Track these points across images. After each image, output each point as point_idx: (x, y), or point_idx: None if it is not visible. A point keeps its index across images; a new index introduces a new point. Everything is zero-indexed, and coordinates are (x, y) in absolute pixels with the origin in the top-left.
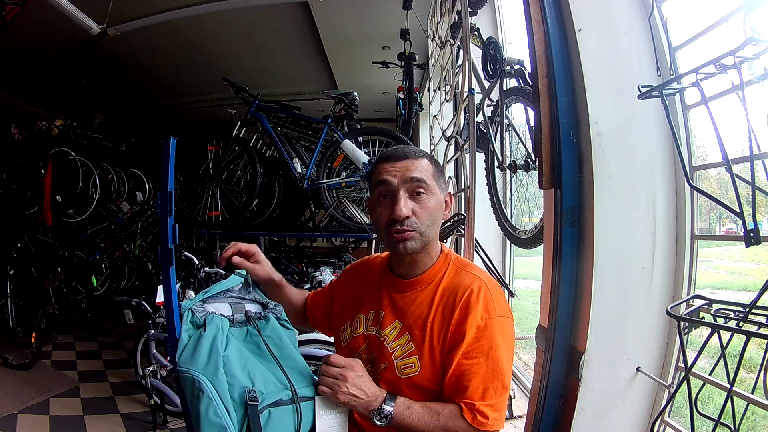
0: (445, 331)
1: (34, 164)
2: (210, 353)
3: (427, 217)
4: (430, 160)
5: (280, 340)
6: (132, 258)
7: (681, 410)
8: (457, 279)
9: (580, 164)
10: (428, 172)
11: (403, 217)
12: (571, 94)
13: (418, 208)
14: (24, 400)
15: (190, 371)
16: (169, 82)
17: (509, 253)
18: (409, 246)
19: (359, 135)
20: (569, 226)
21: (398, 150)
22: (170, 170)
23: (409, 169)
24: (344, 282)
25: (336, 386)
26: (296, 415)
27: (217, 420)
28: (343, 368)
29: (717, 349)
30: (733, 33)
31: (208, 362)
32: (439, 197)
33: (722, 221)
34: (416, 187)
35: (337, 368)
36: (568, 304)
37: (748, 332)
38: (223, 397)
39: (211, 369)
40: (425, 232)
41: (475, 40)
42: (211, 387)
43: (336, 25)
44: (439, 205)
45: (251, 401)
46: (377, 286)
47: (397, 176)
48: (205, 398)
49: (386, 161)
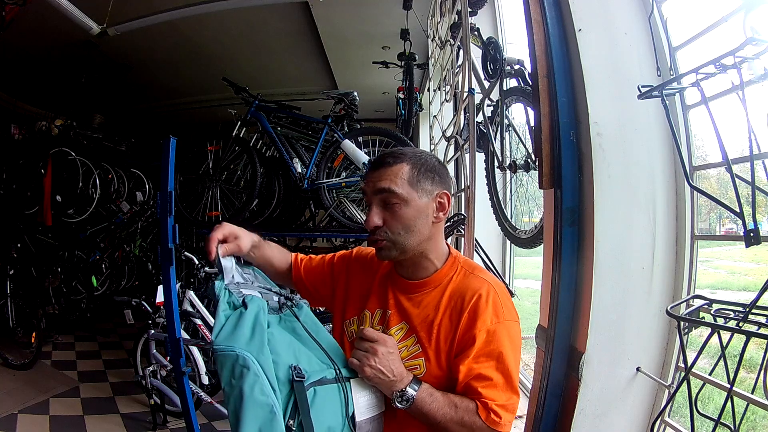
0: (453, 334)
1: (34, 164)
2: (254, 329)
3: (399, 227)
4: (411, 164)
5: (315, 326)
6: (132, 258)
7: (681, 410)
8: (465, 282)
9: (580, 164)
10: (401, 178)
11: (372, 227)
12: (571, 94)
13: (390, 218)
14: (24, 400)
15: (232, 348)
16: (169, 82)
17: (509, 253)
18: (384, 254)
19: (359, 135)
20: (569, 226)
21: (378, 158)
22: (170, 170)
23: (381, 178)
24: (354, 268)
25: (365, 359)
26: (342, 393)
27: (263, 398)
28: (376, 342)
29: (717, 349)
30: (733, 33)
31: (252, 338)
32: (418, 204)
33: (722, 221)
34: (385, 197)
35: (369, 342)
36: (568, 304)
37: (748, 332)
38: (269, 374)
39: (256, 345)
40: (398, 241)
41: (475, 40)
42: (257, 363)
43: (336, 25)
44: (417, 212)
45: (298, 377)
46: (384, 284)
47: (370, 187)
48: (251, 375)
49: (369, 171)
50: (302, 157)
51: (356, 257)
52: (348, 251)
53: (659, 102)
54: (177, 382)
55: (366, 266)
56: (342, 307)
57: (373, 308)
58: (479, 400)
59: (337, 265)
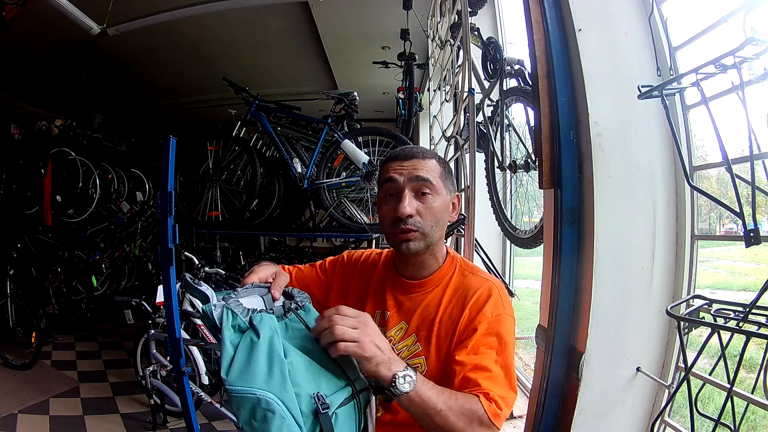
0: (453, 329)
1: (34, 164)
2: (271, 363)
3: (431, 218)
4: (438, 161)
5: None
6: (132, 258)
7: (681, 410)
8: (466, 281)
9: (580, 164)
10: (435, 172)
11: (407, 215)
12: (571, 94)
13: (423, 208)
14: (24, 400)
15: (252, 390)
16: (170, 82)
17: (509, 253)
18: (413, 246)
19: (359, 135)
20: (569, 226)
21: (407, 149)
22: (170, 170)
23: (416, 168)
24: (348, 272)
25: (361, 336)
26: (356, 409)
27: None
28: (360, 317)
29: (717, 349)
30: (733, 33)
31: (270, 374)
32: (446, 199)
33: (722, 221)
34: (422, 186)
35: (352, 317)
36: (568, 304)
37: (748, 332)
38: (294, 412)
39: (277, 381)
40: (429, 233)
41: (475, 40)
42: (282, 405)
43: (336, 25)
44: (444, 207)
45: (323, 409)
46: (381, 286)
47: (404, 174)
48: (277, 419)
49: (394, 160)
50: (302, 157)
51: (349, 261)
52: (337, 257)
53: (659, 102)
54: (177, 382)
55: (361, 269)
56: None
57: (371, 311)
58: (480, 391)
59: (330, 271)
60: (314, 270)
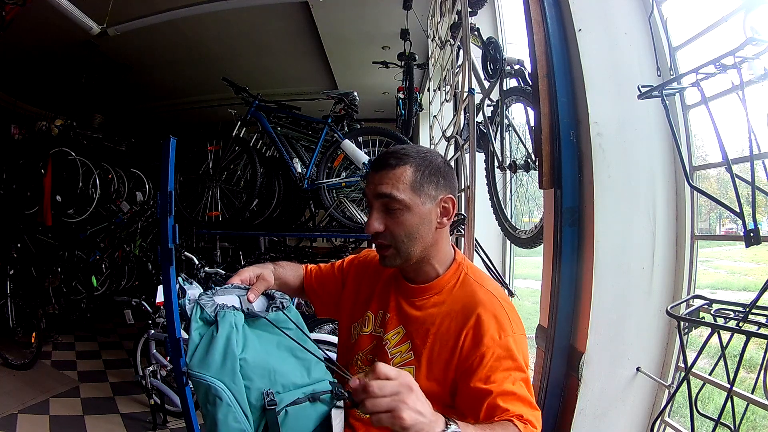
0: (451, 351)
1: (34, 164)
2: (225, 356)
3: (402, 234)
4: (414, 167)
5: (299, 331)
6: (132, 258)
7: (681, 410)
8: (467, 294)
9: (580, 164)
10: (405, 183)
11: (371, 232)
12: (571, 94)
13: (392, 224)
14: (24, 400)
15: (204, 377)
16: (169, 82)
17: (509, 253)
18: (388, 262)
19: (359, 135)
20: (569, 226)
21: (381, 157)
22: (170, 170)
23: (381, 182)
24: (361, 270)
25: (398, 404)
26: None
27: (236, 425)
28: (399, 378)
29: (717, 349)
30: (733, 33)
31: (223, 366)
32: (421, 210)
33: (722, 221)
34: (387, 202)
35: (391, 380)
36: (568, 304)
37: (748, 332)
38: (242, 402)
39: (227, 373)
40: (402, 248)
41: (475, 40)
42: (230, 393)
43: (336, 25)
44: (420, 219)
45: (269, 406)
46: (387, 286)
47: (371, 190)
48: (224, 405)
49: (372, 169)
50: (302, 157)
51: (364, 260)
52: (356, 255)
53: (659, 102)
54: (177, 382)
55: (374, 269)
56: (350, 310)
57: (375, 310)
58: (511, 415)
59: (346, 269)
60: (332, 268)
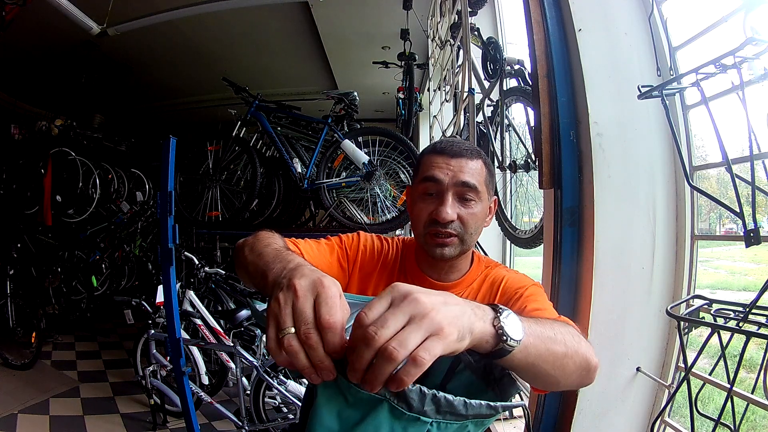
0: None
1: (34, 164)
2: None
3: (472, 225)
4: (484, 162)
5: None
6: (132, 258)
7: (681, 410)
8: (491, 275)
9: (580, 164)
10: (481, 176)
11: (448, 221)
12: (571, 94)
13: (465, 214)
14: (24, 400)
15: None
16: (169, 82)
17: (509, 253)
18: (447, 252)
19: (359, 135)
20: (569, 226)
21: (455, 145)
22: (170, 170)
23: (462, 171)
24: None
25: (425, 321)
26: None
27: None
28: (409, 295)
29: (717, 349)
30: (733, 33)
31: None
32: (485, 206)
33: (722, 221)
34: (466, 192)
35: (399, 308)
36: (568, 304)
37: (748, 332)
38: None
39: None
40: (466, 240)
41: (475, 40)
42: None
43: (336, 25)
44: (485, 213)
45: None
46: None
47: (448, 176)
48: None
49: (439, 154)
50: (302, 157)
51: (364, 246)
52: (349, 237)
53: (659, 102)
54: (177, 382)
55: (384, 258)
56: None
57: None
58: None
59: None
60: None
